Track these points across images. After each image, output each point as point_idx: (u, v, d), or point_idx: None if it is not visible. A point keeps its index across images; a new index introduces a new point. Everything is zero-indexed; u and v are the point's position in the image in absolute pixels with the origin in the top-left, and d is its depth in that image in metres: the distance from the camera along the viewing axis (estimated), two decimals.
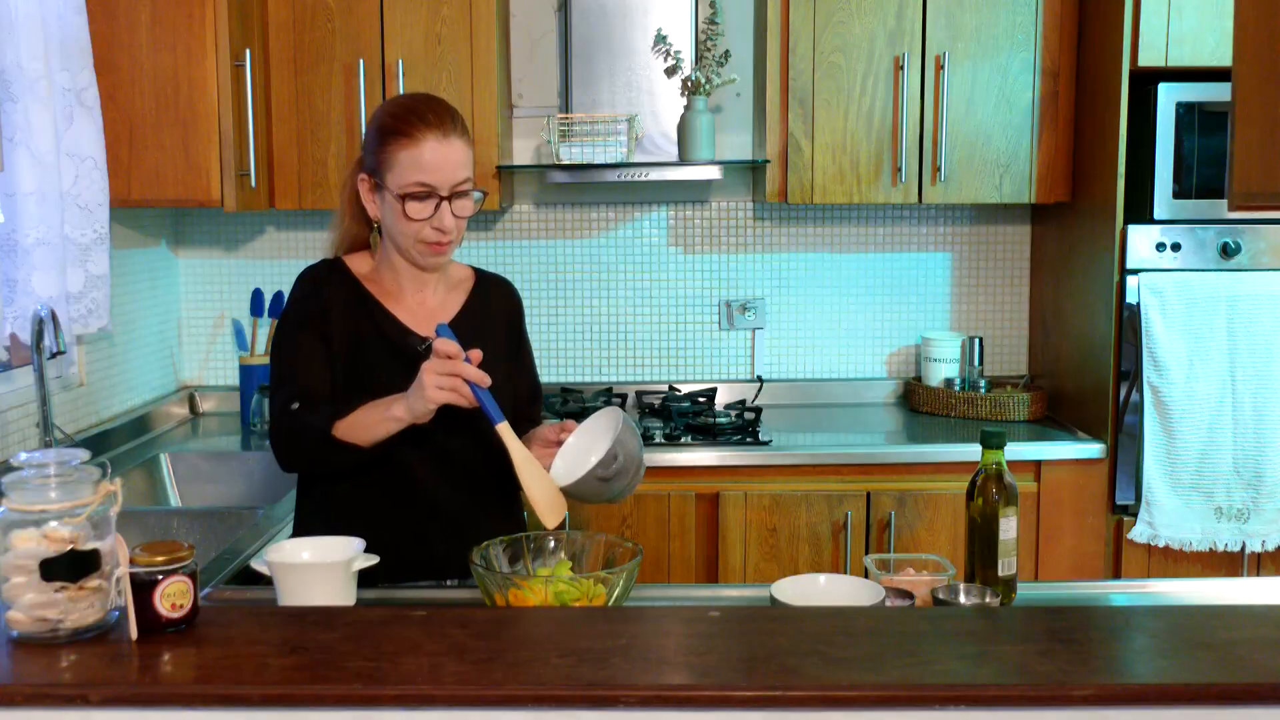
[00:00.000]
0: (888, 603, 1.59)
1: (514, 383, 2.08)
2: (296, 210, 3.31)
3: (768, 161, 3.19)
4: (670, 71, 3.27)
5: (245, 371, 3.37)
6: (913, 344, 3.59)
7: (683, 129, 3.20)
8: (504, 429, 1.77)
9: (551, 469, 1.83)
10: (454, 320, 2.02)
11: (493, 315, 2.08)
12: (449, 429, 1.91)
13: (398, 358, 1.95)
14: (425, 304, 2.02)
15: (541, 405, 2.18)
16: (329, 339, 1.94)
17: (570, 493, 1.79)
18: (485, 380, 1.75)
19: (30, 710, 1.19)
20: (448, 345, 1.75)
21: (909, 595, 1.63)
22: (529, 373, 2.15)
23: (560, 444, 1.87)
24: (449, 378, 1.73)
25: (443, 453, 1.95)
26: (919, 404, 3.43)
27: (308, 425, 1.86)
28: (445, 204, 1.89)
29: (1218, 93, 2.89)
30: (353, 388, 1.92)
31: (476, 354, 1.77)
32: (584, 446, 1.82)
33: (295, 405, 1.91)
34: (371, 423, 1.82)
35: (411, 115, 1.90)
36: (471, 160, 1.94)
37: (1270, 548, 2.94)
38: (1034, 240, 3.55)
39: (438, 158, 1.88)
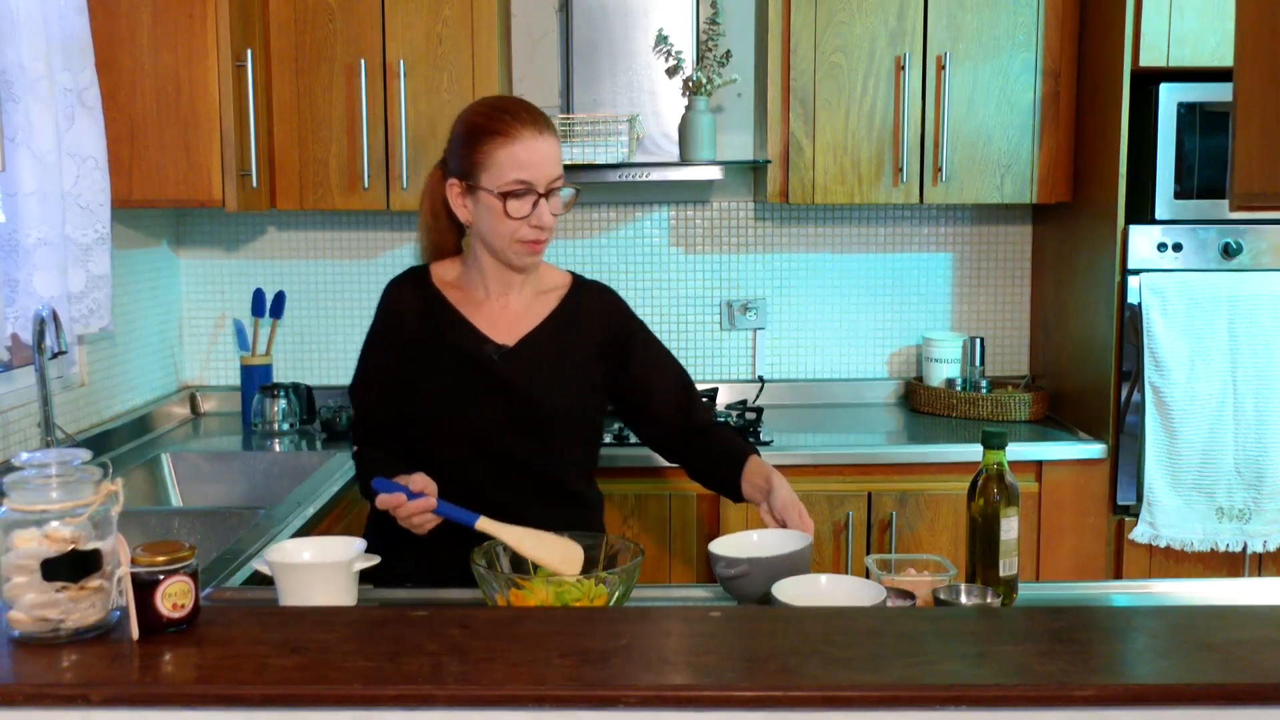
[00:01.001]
0: (889, 603, 1.58)
1: (640, 392, 2.07)
2: (298, 210, 3.31)
3: (769, 162, 3.19)
4: (671, 72, 3.27)
5: (246, 372, 3.37)
6: (914, 344, 3.59)
7: (684, 129, 3.20)
8: (482, 524, 1.74)
9: (721, 537, 1.82)
10: (539, 328, 2.01)
11: (584, 324, 2.04)
12: (511, 434, 1.95)
13: (468, 367, 1.97)
14: (509, 308, 2.01)
15: (699, 403, 2.13)
16: (398, 355, 2.00)
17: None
18: (431, 504, 1.76)
19: (31, 710, 1.19)
20: (386, 500, 1.77)
21: (910, 595, 1.63)
22: (667, 375, 2.10)
23: (772, 520, 1.87)
24: (407, 520, 1.77)
25: (502, 457, 1.96)
26: (920, 404, 3.43)
27: (359, 475, 2.03)
28: (543, 201, 1.89)
29: (1219, 93, 2.89)
30: (421, 398, 1.97)
31: (417, 480, 1.79)
32: (763, 542, 1.80)
33: (355, 448, 2.06)
34: None
35: (505, 114, 1.90)
36: (561, 157, 1.95)
37: (1271, 548, 2.94)
38: (1035, 240, 3.55)
39: (535, 155, 1.88)
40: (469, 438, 1.97)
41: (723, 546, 1.78)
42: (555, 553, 1.71)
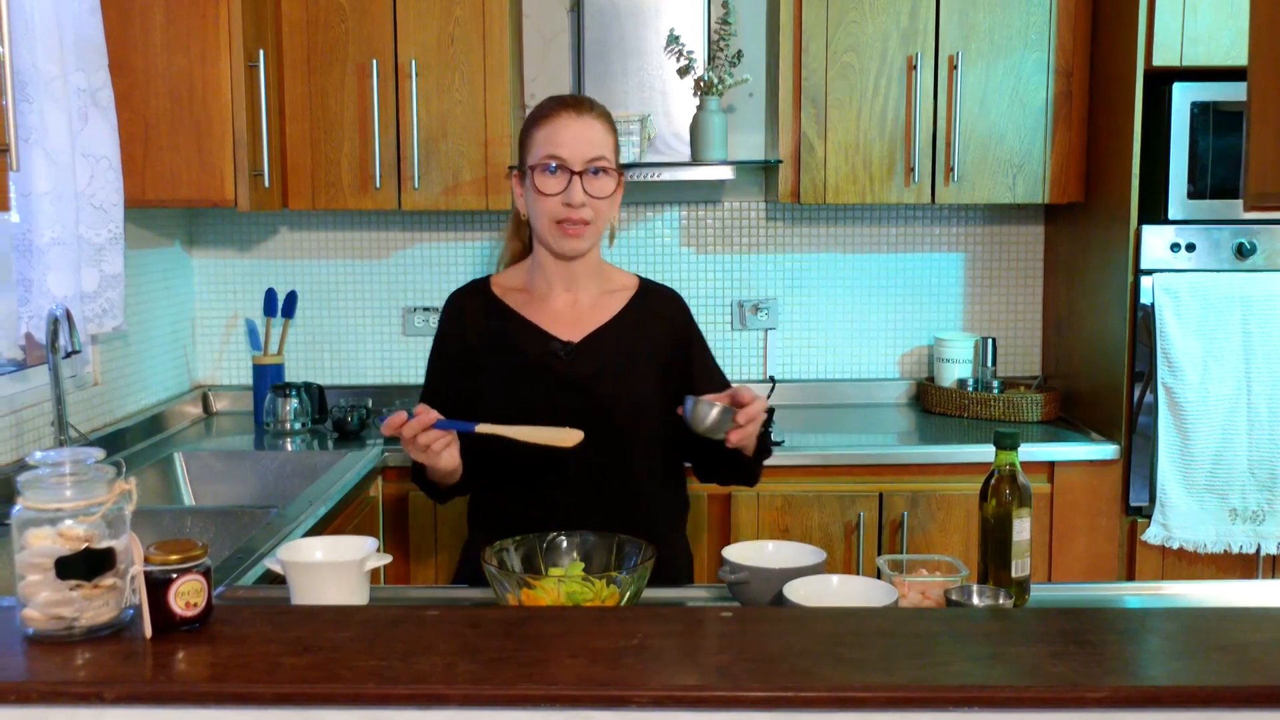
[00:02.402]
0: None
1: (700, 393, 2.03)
2: (310, 210, 3.32)
3: (780, 161, 3.18)
4: (683, 71, 3.27)
5: (258, 371, 3.38)
6: (925, 344, 3.58)
7: (695, 129, 3.20)
8: (482, 428, 1.81)
9: (738, 543, 1.85)
10: (606, 325, 2.03)
11: (650, 325, 2.07)
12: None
13: (534, 366, 1.98)
14: (577, 305, 2.03)
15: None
16: (461, 363, 2.02)
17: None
18: (432, 418, 1.80)
19: (45, 708, 1.20)
20: (390, 423, 1.80)
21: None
22: (715, 380, 2.09)
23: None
24: (409, 443, 1.81)
25: (573, 460, 1.93)
26: (932, 404, 3.42)
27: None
28: (577, 179, 1.92)
29: (1233, 92, 2.88)
30: (488, 403, 1.96)
31: (420, 408, 1.82)
32: (778, 553, 1.82)
33: None
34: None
35: (550, 100, 1.99)
36: (610, 144, 1.98)
37: None
38: (1047, 240, 3.54)
39: (570, 134, 1.93)
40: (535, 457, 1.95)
41: (735, 552, 1.79)
42: (555, 434, 1.82)
